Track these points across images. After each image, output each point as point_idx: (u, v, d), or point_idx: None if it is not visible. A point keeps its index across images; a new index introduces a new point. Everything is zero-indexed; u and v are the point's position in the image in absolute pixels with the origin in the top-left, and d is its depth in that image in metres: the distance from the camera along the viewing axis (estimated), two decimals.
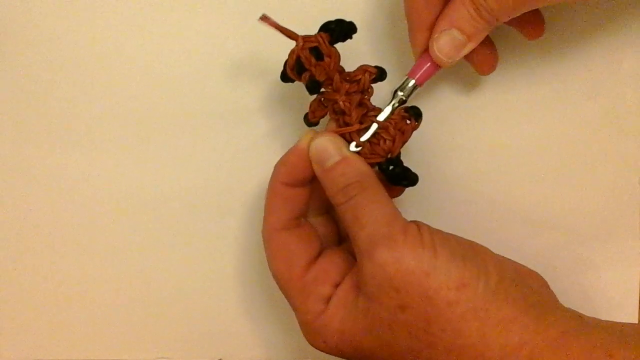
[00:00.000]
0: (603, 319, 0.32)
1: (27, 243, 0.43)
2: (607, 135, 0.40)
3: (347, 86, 0.33)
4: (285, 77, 0.34)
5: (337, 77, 0.33)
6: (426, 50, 0.35)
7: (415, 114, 0.34)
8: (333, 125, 0.35)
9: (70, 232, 0.43)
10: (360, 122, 0.34)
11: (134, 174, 0.42)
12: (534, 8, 0.32)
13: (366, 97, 0.34)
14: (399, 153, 0.34)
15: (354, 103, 0.34)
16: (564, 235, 0.41)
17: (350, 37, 0.33)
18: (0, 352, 0.44)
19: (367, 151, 0.34)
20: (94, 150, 0.42)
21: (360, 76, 0.34)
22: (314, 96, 0.35)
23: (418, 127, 0.35)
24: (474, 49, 0.34)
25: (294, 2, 0.39)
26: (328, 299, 0.33)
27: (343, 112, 0.34)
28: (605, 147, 0.40)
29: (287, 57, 0.33)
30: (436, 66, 0.35)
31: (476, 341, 0.30)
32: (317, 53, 0.33)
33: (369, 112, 0.34)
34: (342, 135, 0.34)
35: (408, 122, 0.34)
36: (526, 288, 0.32)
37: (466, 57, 0.35)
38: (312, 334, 0.34)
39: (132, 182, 0.42)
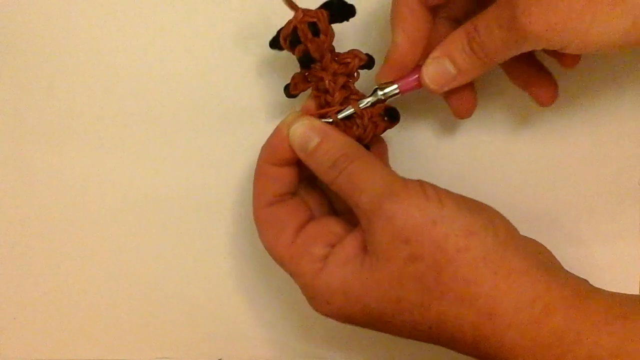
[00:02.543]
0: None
1: (27, 243, 0.43)
2: (607, 135, 0.40)
3: (336, 67, 0.34)
4: (275, 44, 0.34)
5: (328, 56, 0.34)
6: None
7: (391, 117, 0.35)
8: (312, 103, 0.35)
9: (70, 232, 0.43)
10: (341, 104, 0.34)
11: (134, 173, 0.42)
12: (522, 52, 0.32)
13: (351, 80, 0.35)
14: (371, 140, 0.35)
15: (339, 84, 0.34)
16: (563, 236, 0.41)
17: (347, 20, 0.34)
18: (0, 352, 0.44)
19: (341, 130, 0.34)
20: (94, 149, 0.42)
21: (349, 59, 0.34)
22: (298, 69, 0.35)
23: (393, 127, 0.35)
24: (454, 90, 0.35)
25: None
26: (324, 259, 0.33)
27: (327, 91, 0.34)
28: (605, 147, 0.40)
29: (283, 26, 0.33)
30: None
31: (488, 291, 0.30)
32: (314, 29, 0.33)
33: (351, 95, 0.35)
34: (321, 115, 0.34)
35: (384, 119, 0.35)
36: (534, 249, 0.32)
37: (445, 97, 0.35)
38: (314, 296, 0.33)
39: (133, 182, 0.42)
